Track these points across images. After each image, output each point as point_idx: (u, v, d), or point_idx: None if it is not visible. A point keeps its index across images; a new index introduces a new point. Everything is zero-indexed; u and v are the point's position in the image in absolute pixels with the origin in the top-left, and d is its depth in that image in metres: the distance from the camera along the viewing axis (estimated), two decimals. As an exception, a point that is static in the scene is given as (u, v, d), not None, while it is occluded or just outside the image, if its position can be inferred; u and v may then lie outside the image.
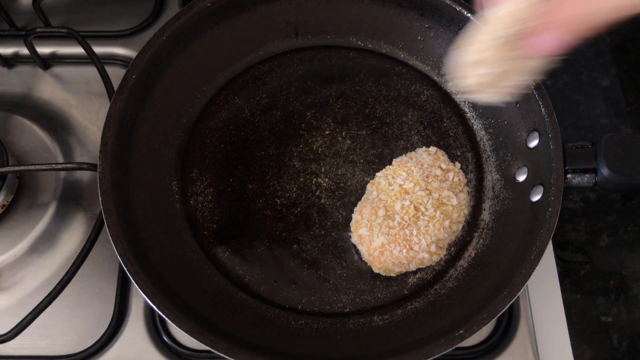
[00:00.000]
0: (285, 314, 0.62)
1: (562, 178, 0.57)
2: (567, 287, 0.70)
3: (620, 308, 0.69)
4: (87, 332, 0.63)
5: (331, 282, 0.63)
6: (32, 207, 0.68)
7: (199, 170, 0.69)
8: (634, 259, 0.72)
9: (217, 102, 0.72)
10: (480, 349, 0.63)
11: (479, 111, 0.70)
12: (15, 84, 0.77)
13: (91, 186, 0.70)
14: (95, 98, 0.76)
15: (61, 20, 0.80)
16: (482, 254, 0.63)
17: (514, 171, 0.65)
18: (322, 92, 0.73)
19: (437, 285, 0.63)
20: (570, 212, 0.74)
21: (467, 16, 0.65)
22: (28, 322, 0.58)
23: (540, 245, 0.55)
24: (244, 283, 0.64)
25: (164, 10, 0.81)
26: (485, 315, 0.53)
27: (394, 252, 0.60)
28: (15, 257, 0.66)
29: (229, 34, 0.70)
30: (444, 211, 0.63)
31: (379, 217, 0.61)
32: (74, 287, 0.63)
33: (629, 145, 0.58)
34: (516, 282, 0.54)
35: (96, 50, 0.70)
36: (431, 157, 0.66)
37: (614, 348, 0.68)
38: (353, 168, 0.69)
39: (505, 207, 0.65)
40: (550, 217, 0.55)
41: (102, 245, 0.66)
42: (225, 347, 0.52)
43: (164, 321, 0.64)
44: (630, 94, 0.81)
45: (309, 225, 0.66)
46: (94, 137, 0.73)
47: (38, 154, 0.71)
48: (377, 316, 0.62)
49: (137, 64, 0.63)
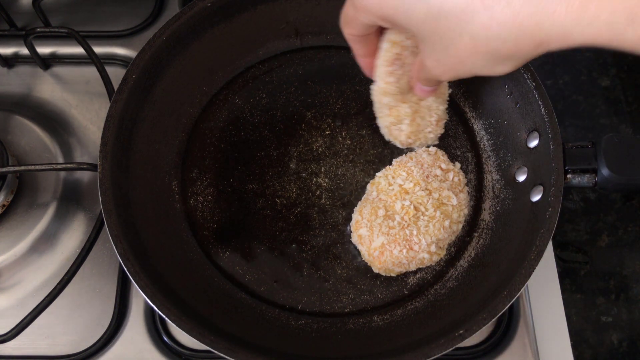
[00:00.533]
0: (285, 314, 0.62)
1: (562, 178, 0.57)
2: (567, 287, 0.70)
3: (620, 308, 0.69)
4: (87, 332, 0.63)
5: (331, 282, 0.63)
6: (32, 207, 0.68)
7: (199, 170, 0.69)
8: (634, 259, 0.72)
9: (217, 102, 0.72)
10: (480, 349, 0.63)
11: (479, 111, 0.70)
12: (15, 84, 0.77)
13: (91, 186, 0.70)
14: (95, 98, 0.76)
15: (61, 20, 0.80)
16: (482, 254, 0.63)
17: (514, 171, 0.65)
18: (322, 92, 0.73)
19: (437, 285, 0.63)
20: (570, 212, 0.74)
21: None
22: (28, 322, 0.58)
23: (540, 245, 0.55)
24: (244, 283, 0.64)
25: (164, 10, 0.81)
26: (486, 315, 0.53)
27: (394, 252, 0.60)
28: (15, 257, 0.66)
29: (229, 34, 0.70)
30: (444, 211, 0.63)
31: (379, 217, 0.61)
32: (74, 287, 0.63)
33: (629, 145, 0.58)
34: (516, 282, 0.54)
35: (96, 50, 0.70)
36: (431, 157, 0.66)
37: (614, 348, 0.68)
38: (353, 168, 0.69)
39: (505, 207, 0.65)
40: (550, 217, 0.55)
41: (102, 245, 0.66)
42: (225, 347, 0.52)
43: (164, 321, 0.64)
44: (630, 94, 0.81)
45: (309, 225, 0.66)
46: (94, 137, 0.73)
47: (38, 154, 0.71)
48: (377, 316, 0.62)
49: (137, 64, 0.63)
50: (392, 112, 0.62)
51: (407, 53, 0.56)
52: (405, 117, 0.62)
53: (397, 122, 0.63)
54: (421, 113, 0.63)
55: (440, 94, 0.64)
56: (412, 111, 0.62)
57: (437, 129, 0.66)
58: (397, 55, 0.56)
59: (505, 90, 0.66)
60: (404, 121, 0.63)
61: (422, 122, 0.64)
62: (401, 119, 0.63)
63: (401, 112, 0.62)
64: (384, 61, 0.56)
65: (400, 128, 0.64)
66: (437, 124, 0.65)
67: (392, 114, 0.62)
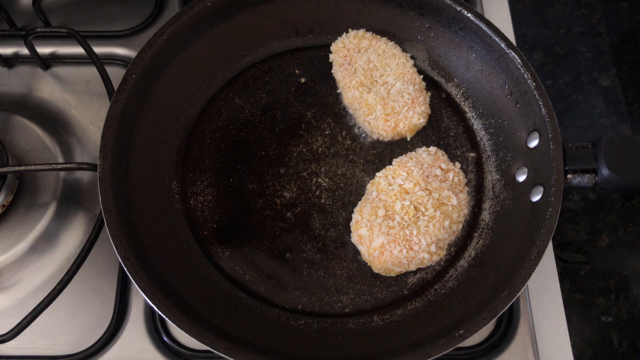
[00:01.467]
0: (285, 314, 0.62)
1: (562, 178, 0.57)
2: (567, 287, 0.70)
3: (620, 308, 0.69)
4: (87, 332, 0.63)
5: (331, 282, 0.63)
6: (32, 207, 0.68)
7: (199, 170, 0.69)
8: (634, 259, 0.72)
9: (217, 102, 0.72)
10: (481, 349, 0.63)
11: (479, 111, 0.70)
12: (15, 84, 0.77)
13: (91, 186, 0.70)
14: (95, 98, 0.76)
15: (61, 20, 0.80)
16: (482, 254, 0.63)
17: (514, 171, 0.65)
18: (322, 92, 0.73)
19: (437, 285, 0.63)
20: (570, 212, 0.74)
21: (467, 16, 0.65)
22: (28, 322, 0.58)
23: (540, 246, 0.55)
24: (244, 283, 0.64)
25: (164, 10, 0.81)
26: (486, 315, 0.53)
27: (393, 252, 0.60)
28: (15, 257, 0.66)
29: (229, 34, 0.71)
30: (444, 211, 0.63)
31: (379, 217, 0.61)
32: (74, 287, 0.63)
33: (629, 145, 0.58)
34: (516, 282, 0.54)
35: (96, 50, 0.71)
36: (431, 157, 0.66)
37: (614, 348, 0.68)
38: (353, 168, 0.69)
39: (505, 207, 0.65)
40: (550, 217, 0.55)
41: (102, 245, 0.66)
42: (225, 347, 0.52)
43: (164, 321, 0.64)
44: (630, 94, 0.81)
45: (309, 225, 0.66)
46: (94, 137, 0.73)
47: (38, 154, 0.71)
48: (377, 316, 0.62)
49: (137, 64, 0.63)
50: (361, 105, 0.67)
51: (354, 51, 0.64)
52: (375, 103, 0.66)
53: (369, 112, 0.67)
54: (392, 97, 0.67)
55: (400, 74, 0.68)
56: (379, 97, 0.66)
57: (417, 107, 0.67)
58: (345, 55, 0.67)
59: (505, 90, 0.66)
60: (376, 108, 0.66)
61: (396, 104, 0.66)
62: (372, 107, 0.67)
63: (369, 101, 0.66)
64: (338, 66, 0.66)
65: (375, 116, 0.67)
66: (414, 102, 0.66)
67: (362, 107, 0.67)
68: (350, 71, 0.68)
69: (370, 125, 0.68)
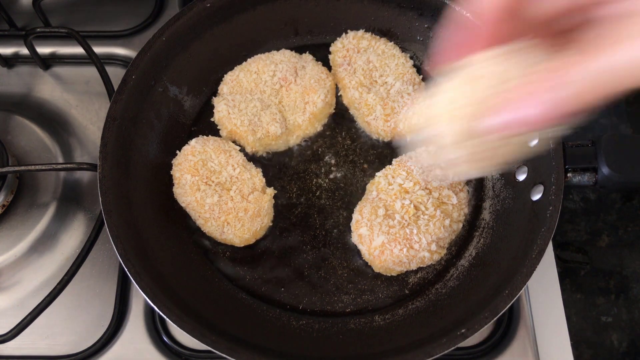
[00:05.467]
0: (287, 314, 0.62)
1: (563, 177, 0.57)
2: (567, 287, 0.70)
3: (620, 308, 0.69)
4: (87, 332, 0.63)
5: (332, 282, 0.63)
6: (32, 207, 0.68)
7: (199, 170, 0.69)
8: (634, 259, 0.72)
9: (217, 102, 0.72)
10: (481, 349, 0.62)
11: (479, 111, 0.70)
12: (15, 84, 0.77)
13: (91, 186, 0.70)
14: (95, 98, 0.76)
15: (61, 20, 0.80)
16: (483, 253, 0.63)
17: (514, 170, 0.65)
18: (322, 92, 0.73)
19: (438, 285, 0.63)
20: (570, 212, 0.74)
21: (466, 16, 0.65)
22: (28, 322, 0.58)
23: (541, 244, 0.55)
24: (244, 283, 0.63)
25: (164, 10, 0.81)
26: (487, 314, 0.53)
27: (394, 251, 0.60)
28: (15, 257, 0.66)
29: (229, 34, 0.70)
30: (444, 210, 0.63)
31: (379, 217, 0.61)
32: (74, 287, 0.63)
33: (629, 144, 0.58)
34: (517, 281, 0.54)
35: (96, 50, 0.71)
36: (431, 156, 0.66)
37: (614, 348, 0.68)
38: (353, 168, 0.69)
39: (505, 206, 0.65)
40: (551, 215, 0.55)
41: (102, 245, 0.66)
42: (227, 347, 0.52)
43: (164, 321, 0.64)
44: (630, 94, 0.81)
45: (309, 225, 0.66)
46: (94, 137, 0.73)
47: (38, 154, 0.71)
48: (378, 316, 0.62)
49: (137, 64, 0.63)
50: (361, 105, 0.67)
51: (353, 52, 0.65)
52: (375, 104, 0.66)
53: (369, 112, 0.67)
54: (392, 97, 0.67)
55: (400, 74, 0.68)
56: (379, 98, 0.66)
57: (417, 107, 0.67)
58: (344, 55, 0.67)
59: (505, 90, 0.66)
60: (376, 108, 0.66)
61: (395, 104, 0.66)
62: (372, 108, 0.66)
63: (369, 101, 0.66)
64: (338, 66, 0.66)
65: (375, 116, 0.67)
66: (414, 102, 0.66)
67: (362, 107, 0.67)
68: (349, 71, 0.68)
69: (370, 126, 0.68)
